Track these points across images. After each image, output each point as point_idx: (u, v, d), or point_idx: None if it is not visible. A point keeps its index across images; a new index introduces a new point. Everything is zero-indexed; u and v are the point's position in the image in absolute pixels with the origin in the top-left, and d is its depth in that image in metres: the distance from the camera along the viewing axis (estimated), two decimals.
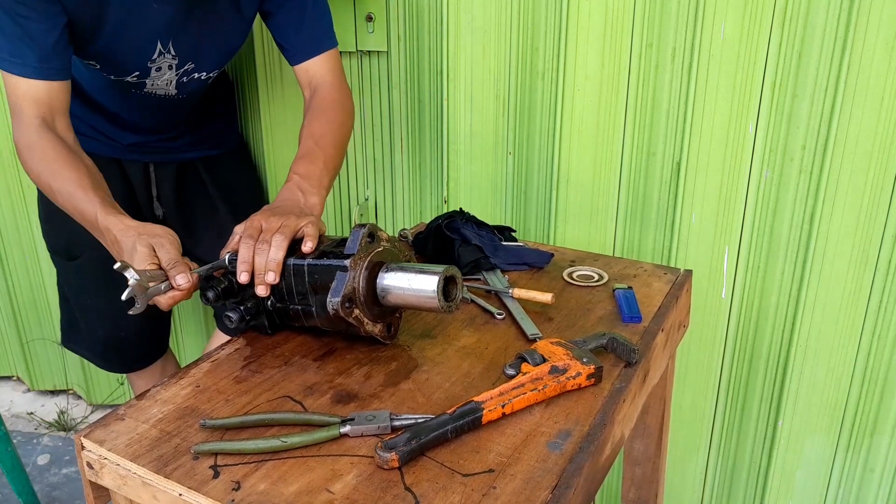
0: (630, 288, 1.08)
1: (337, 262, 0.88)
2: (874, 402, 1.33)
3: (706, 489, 1.56)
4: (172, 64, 1.18)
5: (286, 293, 0.92)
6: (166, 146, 1.40)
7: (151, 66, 1.17)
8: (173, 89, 1.24)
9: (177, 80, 1.22)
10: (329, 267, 0.88)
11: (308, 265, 0.90)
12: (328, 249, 0.91)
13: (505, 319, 1.02)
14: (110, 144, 1.36)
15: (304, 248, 0.90)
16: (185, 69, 1.22)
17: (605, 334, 0.92)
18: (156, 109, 1.30)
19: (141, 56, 1.15)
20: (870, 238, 1.24)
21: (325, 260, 0.89)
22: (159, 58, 1.16)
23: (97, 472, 0.76)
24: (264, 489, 0.68)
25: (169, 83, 1.22)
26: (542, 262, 1.17)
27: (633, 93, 1.34)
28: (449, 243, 1.16)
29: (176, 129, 1.40)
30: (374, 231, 0.90)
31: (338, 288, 0.86)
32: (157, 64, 1.17)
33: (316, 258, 0.90)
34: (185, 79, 1.24)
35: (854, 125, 1.19)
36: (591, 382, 0.84)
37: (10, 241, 2.15)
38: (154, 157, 1.41)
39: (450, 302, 0.87)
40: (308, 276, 0.90)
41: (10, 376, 2.43)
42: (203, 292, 0.93)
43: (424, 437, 0.72)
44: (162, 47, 1.15)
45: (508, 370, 0.86)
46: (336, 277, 0.87)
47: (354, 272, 0.87)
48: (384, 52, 1.57)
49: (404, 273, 0.88)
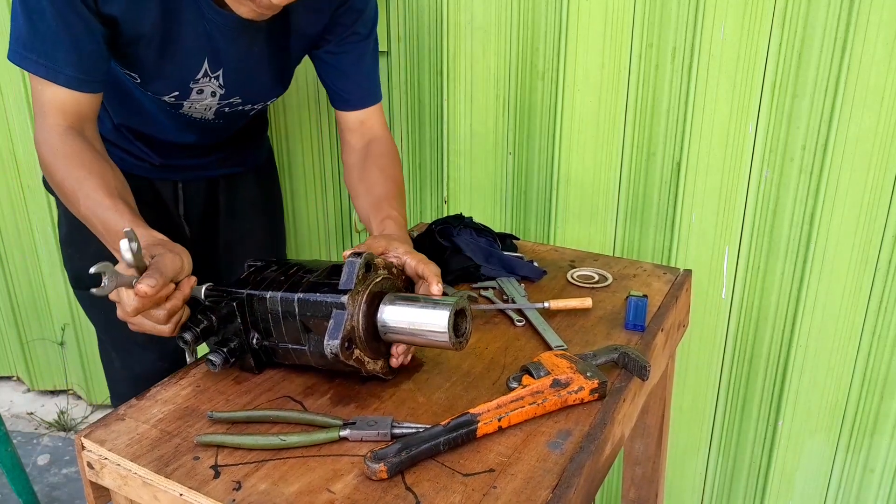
0: (645, 296, 1.04)
1: (332, 298, 0.79)
2: (874, 402, 1.33)
3: (706, 489, 1.56)
4: (217, 92, 1.12)
5: (273, 329, 0.84)
6: (197, 163, 1.32)
7: (193, 87, 1.09)
8: (211, 115, 1.18)
9: (217, 107, 1.16)
10: (323, 303, 0.79)
11: (299, 300, 0.81)
12: (319, 281, 0.82)
13: (525, 326, 1.01)
14: (142, 165, 1.27)
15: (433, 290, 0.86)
16: (231, 101, 1.16)
17: (616, 349, 0.89)
18: (192, 130, 1.23)
19: (184, 72, 1.07)
20: (870, 238, 1.24)
21: (318, 294, 0.80)
22: (203, 79, 1.09)
23: (98, 472, 0.76)
24: (265, 489, 0.68)
25: (208, 109, 1.16)
26: (535, 276, 1.15)
27: (633, 93, 1.34)
28: (441, 250, 1.15)
29: (209, 149, 1.33)
30: (370, 261, 0.82)
31: (336, 328, 0.77)
32: (200, 86, 1.10)
33: (306, 291, 0.81)
34: (228, 109, 1.18)
35: (854, 125, 1.19)
36: (595, 398, 0.82)
37: (10, 241, 2.15)
38: (184, 175, 1.32)
39: (460, 338, 0.80)
40: (299, 312, 0.81)
41: (10, 376, 2.43)
42: (180, 334, 0.85)
43: (415, 448, 0.71)
44: (209, 69, 1.08)
45: (511, 383, 0.84)
46: (333, 316, 0.78)
47: (353, 309, 0.79)
48: (384, 52, 1.57)
49: (408, 307, 0.80)
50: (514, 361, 0.91)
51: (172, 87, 1.09)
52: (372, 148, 1.19)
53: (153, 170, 1.28)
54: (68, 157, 0.96)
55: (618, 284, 1.13)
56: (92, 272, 0.76)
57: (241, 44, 1.08)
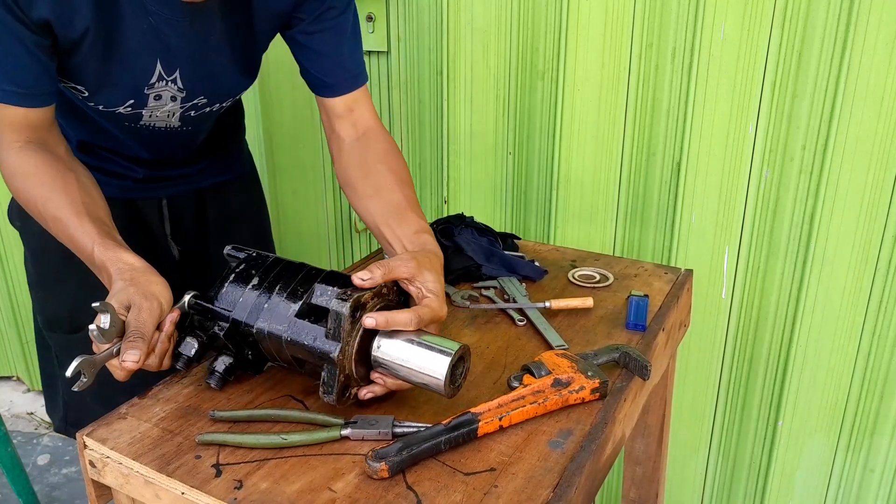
0: (646, 296, 1.04)
1: (321, 348, 0.75)
2: (874, 402, 1.33)
3: (706, 489, 1.56)
4: (177, 96, 1.02)
5: (264, 350, 0.82)
6: (180, 172, 1.23)
7: (149, 94, 0.99)
8: (176, 122, 1.08)
9: (181, 112, 1.06)
10: (312, 351, 0.76)
11: (286, 341, 0.78)
12: (304, 310, 0.78)
13: (525, 326, 1.01)
14: (122, 184, 1.17)
15: None
16: (195, 103, 1.06)
17: (618, 348, 0.89)
18: (159, 142, 1.13)
19: (135, 77, 0.97)
20: (870, 238, 1.24)
21: (306, 342, 0.76)
22: (158, 83, 0.98)
23: (99, 470, 0.76)
24: (266, 487, 0.68)
25: (171, 115, 1.05)
26: (536, 276, 1.15)
27: (633, 93, 1.35)
28: (442, 250, 1.15)
29: (187, 159, 1.23)
30: (358, 305, 0.75)
31: (329, 384, 0.76)
32: (156, 91, 0.99)
33: (291, 329, 0.77)
34: (194, 113, 1.08)
35: (854, 125, 1.19)
36: (596, 397, 0.82)
37: (10, 241, 2.15)
38: (169, 190, 1.23)
39: (455, 385, 0.76)
40: (288, 351, 0.79)
41: (10, 376, 2.43)
42: (173, 362, 0.82)
43: (416, 447, 0.71)
44: (164, 71, 0.97)
45: (513, 382, 0.84)
46: (325, 370, 0.76)
47: (344, 360, 0.75)
48: (384, 52, 1.57)
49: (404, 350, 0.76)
50: (516, 361, 0.91)
51: (125, 97, 0.99)
52: (371, 142, 1.07)
53: (135, 187, 1.18)
54: (28, 176, 0.90)
55: (619, 284, 1.13)
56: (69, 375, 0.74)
57: (194, 35, 0.96)
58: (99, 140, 1.12)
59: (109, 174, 1.14)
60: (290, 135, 1.78)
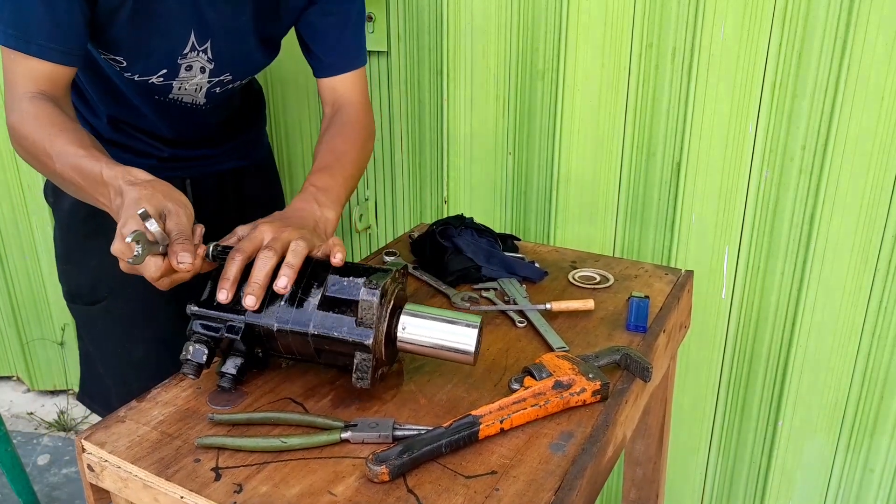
0: (646, 297, 1.04)
1: (353, 337, 0.77)
2: (874, 402, 1.33)
3: (706, 489, 1.56)
4: (206, 67, 1.07)
5: (279, 347, 0.82)
6: (203, 153, 1.27)
7: (181, 64, 1.04)
8: (202, 97, 1.13)
9: (207, 87, 1.11)
10: (343, 342, 0.78)
11: (312, 336, 0.78)
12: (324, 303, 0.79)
13: (526, 327, 1.00)
14: (148, 162, 1.20)
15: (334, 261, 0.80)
16: (221, 79, 1.11)
17: (619, 349, 0.88)
18: (184, 119, 1.19)
19: (171, 45, 1.02)
20: (870, 238, 1.24)
21: (334, 333, 0.78)
22: (191, 53, 1.03)
23: (98, 474, 0.76)
24: (266, 491, 0.68)
25: (198, 89, 1.11)
26: (536, 277, 1.14)
27: (633, 93, 1.34)
28: (441, 251, 1.15)
29: (210, 139, 1.28)
30: (384, 292, 0.78)
31: (364, 370, 0.78)
32: (188, 61, 1.04)
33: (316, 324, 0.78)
34: (219, 90, 1.13)
35: (854, 125, 1.19)
36: (597, 399, 0.81)
37: (10, 242, 2.15)
38: (191, 171, 1.27)
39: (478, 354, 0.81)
40: (314, 345, 0.79)
41: (10, 376, 2.43)
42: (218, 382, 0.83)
43: (417, 450, 0.71)
44: (196, 42, 1.02)
45: (513, 385, 0.84)
46: (357, 358, 0.77)
47: (376, 346, 0.78)
48: (384, 52, 1.57)
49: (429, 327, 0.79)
50: (516, 363, 0.91)
51: (160, 65, 1.03)
52: (335, 118, 1.12)
53: (160, 166, 1.20)
54: (38, 117, 0.91)
55: (619, 285, 1.13)
56: (128, 241, 0.73)
57: (228, 9, 1.02)
58: (128, 117, 1.17)
59: (138, 153, 1.19)
60: (290, 136, 1.78)
